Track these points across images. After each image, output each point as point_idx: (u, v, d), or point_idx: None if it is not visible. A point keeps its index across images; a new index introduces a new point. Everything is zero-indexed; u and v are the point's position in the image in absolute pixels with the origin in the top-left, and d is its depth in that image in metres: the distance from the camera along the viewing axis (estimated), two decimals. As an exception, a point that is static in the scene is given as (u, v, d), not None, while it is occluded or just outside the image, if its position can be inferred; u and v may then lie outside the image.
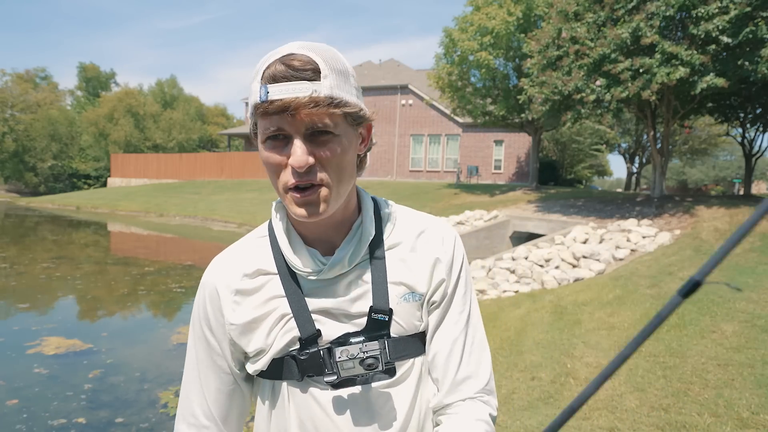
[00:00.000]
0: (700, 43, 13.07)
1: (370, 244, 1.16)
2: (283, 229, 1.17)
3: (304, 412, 1.14)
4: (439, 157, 36.53)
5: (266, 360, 1.15)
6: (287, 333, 1.13)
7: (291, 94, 0.97)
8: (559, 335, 6.76)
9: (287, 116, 0.98)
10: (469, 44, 22.39)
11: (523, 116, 23.15)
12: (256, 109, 1.01)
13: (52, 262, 14.75)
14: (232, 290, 1.16)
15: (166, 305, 10.55)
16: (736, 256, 9.97)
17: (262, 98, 0.98)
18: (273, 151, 1.03)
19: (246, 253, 1.20)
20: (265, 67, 1.00)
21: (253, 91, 1.02)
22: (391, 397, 1.15)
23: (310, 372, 1.12)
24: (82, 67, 68.60)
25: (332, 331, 1.13)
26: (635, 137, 38.22)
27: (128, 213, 30.76)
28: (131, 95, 60.33)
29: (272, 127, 1.00)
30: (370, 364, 1.08)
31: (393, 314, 1.14)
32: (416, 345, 1.18)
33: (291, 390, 1.15)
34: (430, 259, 1.19)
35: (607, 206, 16.95)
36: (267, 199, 28.39)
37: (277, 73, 0.98)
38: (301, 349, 1.12)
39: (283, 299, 1.14)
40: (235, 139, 51.29)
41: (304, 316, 1.12)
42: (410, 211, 1.27)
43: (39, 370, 6.61)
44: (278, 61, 0.99)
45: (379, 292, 1.14)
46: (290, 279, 1.15)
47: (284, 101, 0.97)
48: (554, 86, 15.11)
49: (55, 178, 58.38)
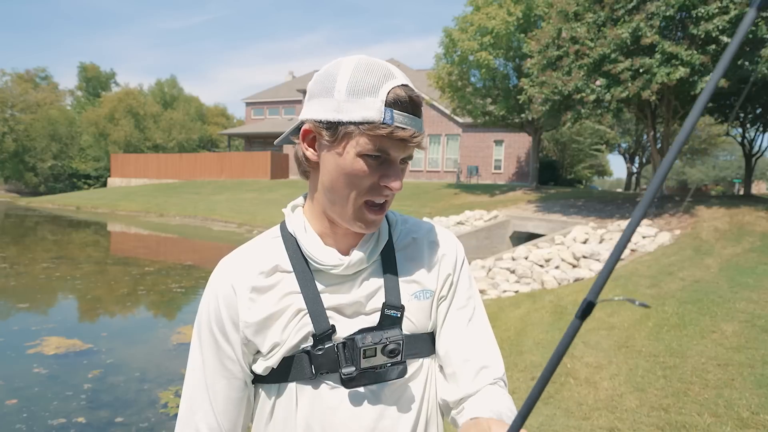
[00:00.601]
0: (700, 43, 13.07)
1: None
2: (302, 227, 1.20)
3: (313, 412, 1.14)
4: (439, 157, 36.52)
5: (279, 356, 1.14)
6: (301, 329, 1.14)
7: (413, 128, 1.07)
8: (559, 335, 6.74)
9: (403, 146, 1.08)
10: (469, 44, 22.37)
11: (523, 116, 23.16)
12: (375, 127, 1.04)
13: (52, 262, 14.75)
14: (248, 288, 1.16)
15: (166, 305, 10.55)
16: (736, 257, 9.97)
17: (386, 120, 1.04)
18: (369, 168, 1.08)
19: (261, 252, 1.21)
20: (389, 89, 1.05)
21: (369, 106, 1.04)
22: (401, 397, 1.17)
23: (323, 368, 1.13)
24: (83, 67, 68.55)
25: (345, 327, 1.15)
26: (635, 137, 38.24)
27: (128, 213, 30.74)
28: (131, 95, 60.29)
29: (380, 147, 1.06)
30: (393, 349, 1.11)
31: (405, 311, 1.17)
32: (426, 345, 1.22)
33: (300, 389, 1.15)
34: (436, 258, 1.26)
35: (607, 206, 16.97)
36: (267, 200, 28.39)
37: (401, 100, 1.05)
38: (314, 345, 1.13)
39: (298, 295, 1.15)
40: (235, 139, 51.29)
41: (318, 311, 1.14)
42: (411, 217, 1.35)
43: (39, 369, 6.60)
44: (399, 87, 1.06)
45: (392, 289, 1.18)
46: (306, 276, 1.17)
47: (407, 133, 1.06)
48: (554, 86, 15.11)
49: (55, 178, 58.34)
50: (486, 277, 10.96)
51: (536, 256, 11.43)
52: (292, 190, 29.64)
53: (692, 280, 8.77)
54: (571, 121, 16.25)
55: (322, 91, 1.09)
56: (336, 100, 1.06)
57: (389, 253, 1.22)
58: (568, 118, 15.97)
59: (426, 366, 1.21)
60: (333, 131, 1.07)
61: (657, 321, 6.91)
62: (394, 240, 1.25)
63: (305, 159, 1.15)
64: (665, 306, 7.50)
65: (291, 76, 53.10)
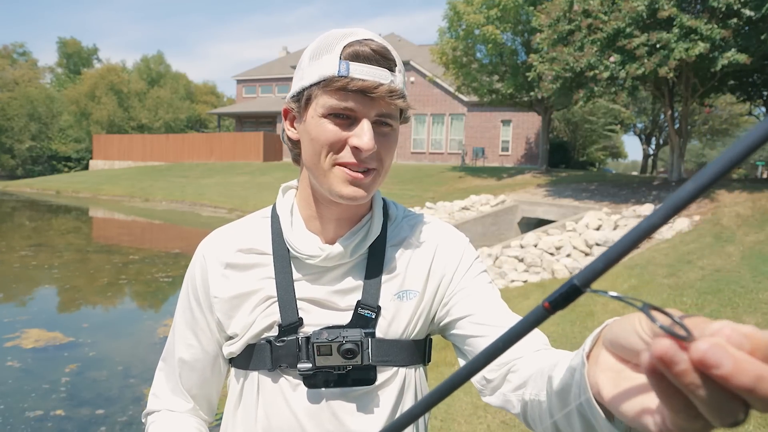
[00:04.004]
0: (721, 17, 12.99)
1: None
2: (288, 210, 1.21)
3: (271, 409, 1.15)
4: (443, 138, 36.42)
5: (242, 343, 1.16)
6: (268, 317, 1.15)
7: (374, 78, 1.03)
8: (571, 328, 6.75)
9: (365, 99, 1.04)
10: (475, 17, 22.24)
11: (532, 94, 23.11)
12: (329, 81, 1.03)
13: (30, 249, 14.73)
14: (222, 263, 1.20)
15: (151, 296, 10.55)
16: (759, 244, 9.95)
17: (341, 73, 1.02)
18: (335, 128, 1.06)
19: (244, 230, 1.24)
20: (345, 44, 1.04)
21: (324, 63, 1.04)
22: (367, 405, 1.15)
23: (283, 361, 1.13)
24: (63, 42, 68.29)
25: (315, 321, 1.15)
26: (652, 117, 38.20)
27: (111, 197, 30.70)
28: (113, 72, 59.99)
29: (344, 104, 1.04)
30: (349, 349, 1.08)
31: (381, 312, 1.15)
32: (403, 353, 1.18)
33: (261, 382, 1.16)
34: (432, 257, 1.22)
35: (622, 190, 16.94)
36: (259, 183, 28.36)
37: (360, 53, 1.03)
38: (279, 336, 1.14)
39: (272, 281, 1.16)
40: (226, 119, 51.14)
41: (288, 301, 1.14)
42: (424, 216, 1.32)
43: (17, 363, 6.60)
44: (359, 41, 1.04)
45: (371, 288, 1.16)
46: (283, 262, 1.17)
47: (367, 83, 1.02)
48: (565, 62, 15.02)
49: (33, 160, 58.18)
50: (493, 266, 10.96)
51: (546, 243, 11.42)
52: (286, 173, 29.58)
53: (712, 269, 8.75)
54: (583, 99, 16.17)
55: (296, 69, 1.13)
56: (301, 70, 1.10)
57: (379, 249, 1.20)
58: (581, 97, 15.89)
59: (402, 376, 1.17)
60: (299, 100, 1.10)
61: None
62: (389, 236, 1.23)
63: (289, 140, 1.17)
64: (683, 297, 7.48)
65: (285, 51, 52.84)
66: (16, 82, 58.43)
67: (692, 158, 64.03)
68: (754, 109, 24.23)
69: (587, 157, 44.00)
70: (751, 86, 19.07)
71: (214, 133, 47.13)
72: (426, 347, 1.24)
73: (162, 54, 68.61)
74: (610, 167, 57.33)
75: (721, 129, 40.69)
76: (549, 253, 11.15)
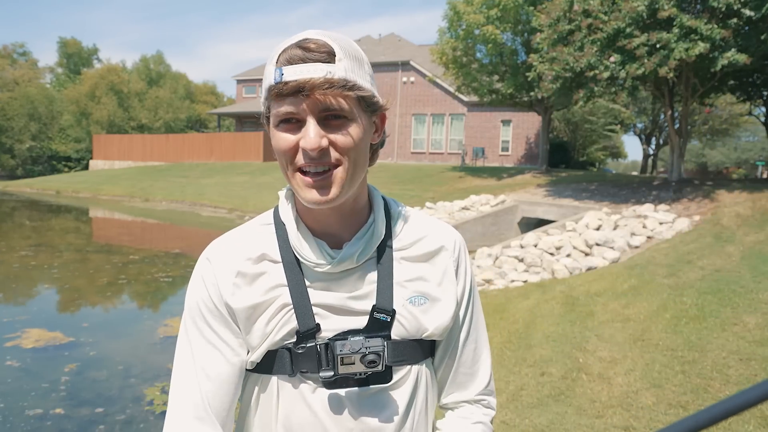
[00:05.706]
0: (721, 17, 12.97)
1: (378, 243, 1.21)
2: (292, 217, 1.19)
3: (291, 410, 1.15)
4: (443, 138, 36.44)
5: (261, 351, 1.16)
6: (285, 325, 1.15)
7: (305, 75, 1.02)
8: (571, 328, 6.75)
9: (301, 98, 1.03)
10: (475, 17, 22.24)
11: (532, 94, 23.09)
12: (270, 91, 1.06)
13: (30, 249, 14.74)
14: (233, 271, 1.17)
15: (152, 296, 10.55)
16: (759, 244, 9.94)
17: (276, 80, 1.04)
18: (288, 135, 1.07)
19: (249, 238, 1.22)
20: (281, 51, 1.05)
21: (267, 74, 1.07)
22: (383, 404, 1.17)
23: (304, 367, 1.14)
24: (63, 42, 68.22)
25: (331, 326, 1.16)
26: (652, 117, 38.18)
27: (111, 197, 30.70)
28: (113, 72, 59.95)
29: (285, 109, 1.05)
30: (372, 360, 1.10)
31: (396, 315, 1.17)
32: (417, 352, 1.21)
33: (281, 385, 1.17)
34: (439, 262, 1.24)
35: (622, 190, 16.93)
36: (259, 183, 28.36)
37: (292, 56, 1.04)
38: (297, 342, 1.14)
39: (285, 289, 1.16)
40: (226, 119, 51.14)
41: (304, 308, 1.15)
42: (418, 213, 1.32)
43: (17, 363, 6.60)
44: (293, 45, 1.05)
45: (384, 292, 1.17)
46: (294, 269, 1.17)
47: (298, 82, 1.02)
48: (565, 62, 15.01)
49: (33, 160, 58.11)
50: (493, 266, 10.96)
51: (546, 243, 11.41)
52: (286, 174, 29.52)
53: (712, 269, 8.75)
54: (583, 99, 16.16)
55: None
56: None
57: (386, 252, 1.21)
58: (580, 97, 15.88)
59: (415, 372, 1.21)
60: (266, 110, 1.12)
61: (675, 313, 6.89)
62: (394, 237, 1.23)
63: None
64: (684, 297, 7.48)
65: (285, 51, 52.87)
66: (16, 82, 58.38)
67: (692, 158, 64.01)
68: (754, 109, 24.23)
69: (587, 157, 43.96)
70: (751, 86, 19.06)
71: (214, 133, 47.11)
72: (433, 342, 1.27)
73: (162, 54, 68.79)
74: (610, 167, 57.30)
75: (721, 129, 40.67)
76: (549, 253, 11.15)
